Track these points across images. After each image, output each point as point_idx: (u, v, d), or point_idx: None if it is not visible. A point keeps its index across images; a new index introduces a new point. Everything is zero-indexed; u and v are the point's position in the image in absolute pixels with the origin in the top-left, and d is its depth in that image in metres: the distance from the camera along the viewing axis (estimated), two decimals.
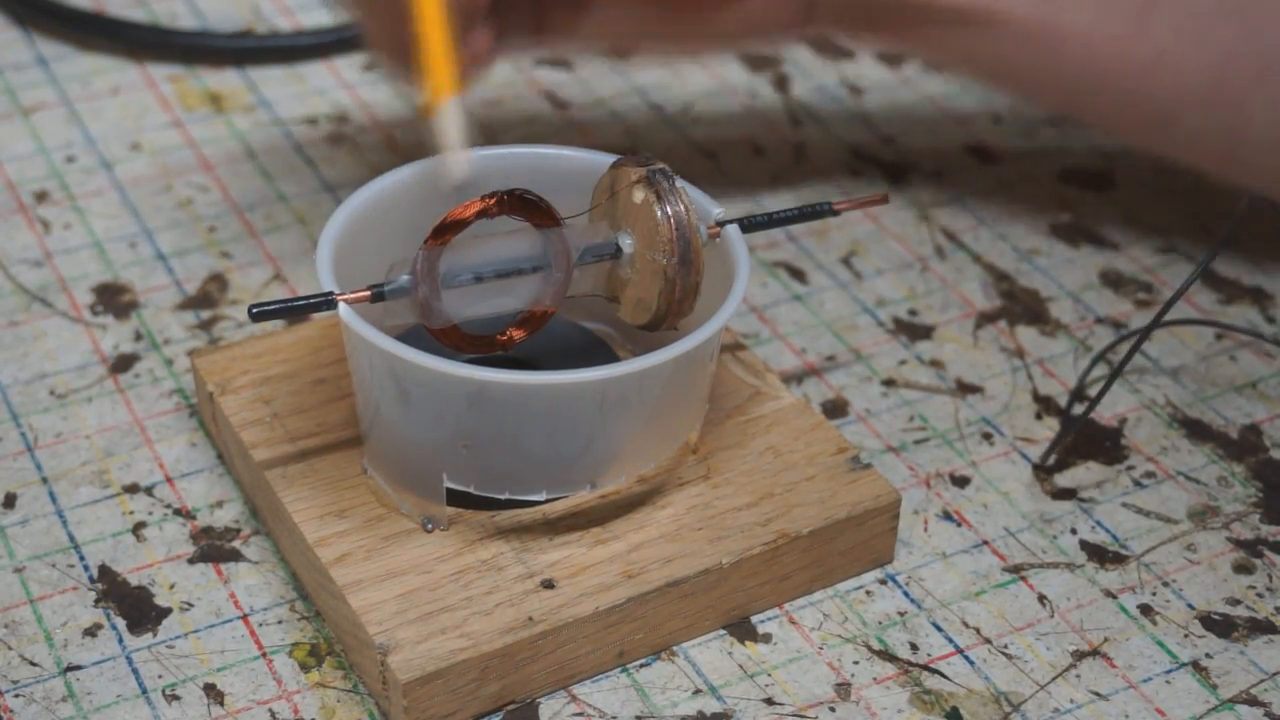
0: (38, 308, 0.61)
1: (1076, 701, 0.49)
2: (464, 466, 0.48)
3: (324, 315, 0.55)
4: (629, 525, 0.50)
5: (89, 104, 0.72)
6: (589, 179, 0.52)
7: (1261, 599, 0.52)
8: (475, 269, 0.48)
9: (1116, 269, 0.65)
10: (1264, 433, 0.58)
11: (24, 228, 0.65)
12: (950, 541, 0.53)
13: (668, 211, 0.48)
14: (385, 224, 0.52)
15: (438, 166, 0.50)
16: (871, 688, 0.49)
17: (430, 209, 0.49)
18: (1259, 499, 0.55)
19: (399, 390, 0.48)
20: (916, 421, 0.58)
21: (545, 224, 0.49)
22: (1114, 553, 0.53)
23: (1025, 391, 0.59)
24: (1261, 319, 0.63)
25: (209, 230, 0.65)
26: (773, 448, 0.52)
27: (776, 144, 0.71)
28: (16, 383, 0.58)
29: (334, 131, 0.71)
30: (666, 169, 0.49)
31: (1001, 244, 0.66)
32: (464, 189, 0.49)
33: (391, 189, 0.53)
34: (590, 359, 0.52)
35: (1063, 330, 0.62)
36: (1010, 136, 0.72)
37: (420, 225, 0.49)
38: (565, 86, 0.74)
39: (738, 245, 0.51)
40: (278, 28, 0.77)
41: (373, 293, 0.48)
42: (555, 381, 0.46)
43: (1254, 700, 0.49)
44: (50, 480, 0.55)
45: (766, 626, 0.51)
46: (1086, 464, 0.56)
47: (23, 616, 0.50)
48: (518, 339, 0.50)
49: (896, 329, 0.62)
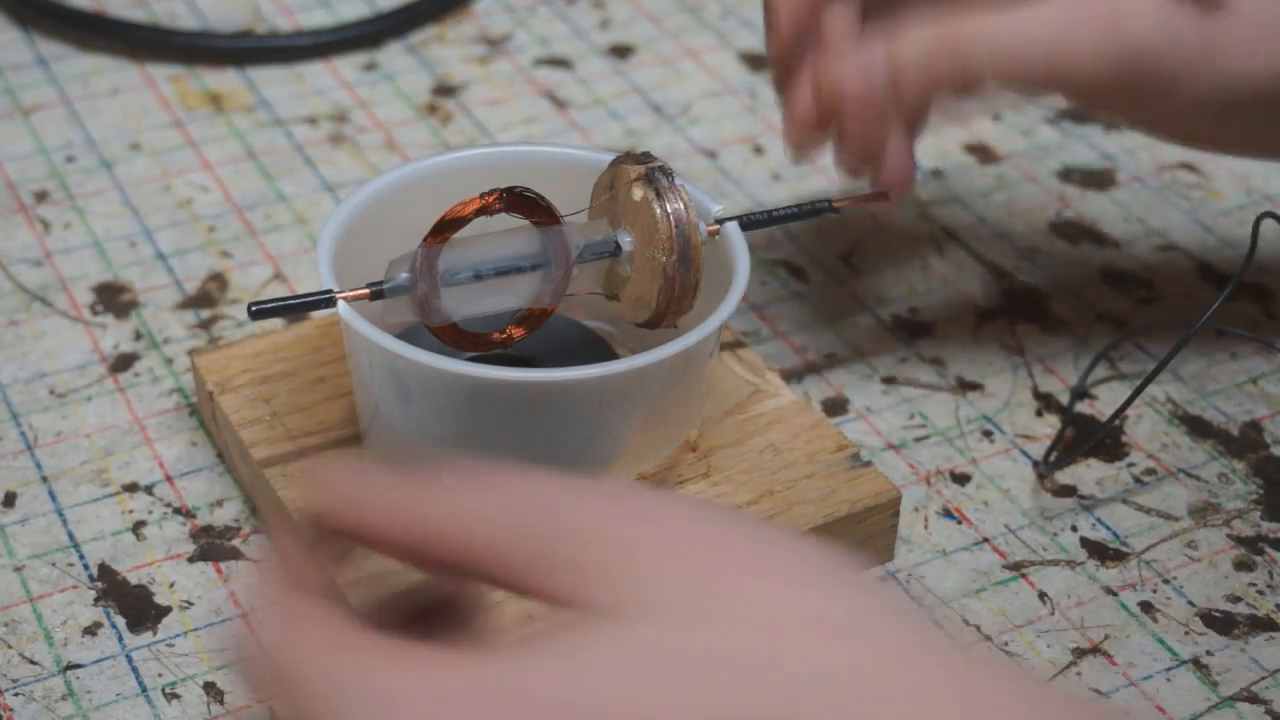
0: (38, 307, 0.61)
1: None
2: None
3: (324, 314, 0.55)
4: None
5: (89, 104, 0.72)
6: (589, 177, 0.52)
7: (1262, 596, 0.52)
8: (474, 267, 0.48)
9: (1117, 267, 0.65)
10: (1265, 430, 0.58)
11: (24, 227, 0.65)
12: (951, 539, 0.53)
13: (667, 209, 0.48)
14: (385, 222, 0.52)
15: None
16: None
17: (430, 207, 0.49)
18: (1260, 496, 0.55)
19: (398, 388, 0.48)
20: (917, 419, 0.58)
21: (544, 222, 0.49)
22: (1114, 550, 0.53)
23: (1025, 389, 0.59)
24: (1262, 317, 0.63)
25: (209, 230, 0.65)
26: (772, 445, 0.52)
27: (776, 144, 0.71)
28: (16, 382, 0.58)
29: (334, 131, 0.71)
30: (666, 166, 0.49)
31: (1002, 242, 0.66)
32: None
33: (392, 187, 0.53)
34: (589, 357, 0.52)
35: (1063, 328, 0.62)
36: (1010, 136, 0.72)
37: (420, 223, 0.49)
38: (565, 86, 0.74)
39: (737, 243, 0.51)
40: (278, 28, 0.77)
41: (372, 291, 0.48)
42: (554, 379, 0.46)
43: (1254, 698, 0.49)
44: (50, 479, 0.55)
45: None
46: (1087, 461, 0.56)
47: (22, 615, 0.50)
48: (517, 337, 0.50)
49: (897, 327, 0.62)
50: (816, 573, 0.34)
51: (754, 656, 0.32)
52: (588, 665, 0.31)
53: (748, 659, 0.32)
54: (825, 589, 0.33)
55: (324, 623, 0.34)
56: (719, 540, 0.34)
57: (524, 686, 0.31)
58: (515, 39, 0.77)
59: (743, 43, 0.77)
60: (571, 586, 0.33)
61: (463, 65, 0.75)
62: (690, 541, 0.34)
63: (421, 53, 0.76)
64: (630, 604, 0.33)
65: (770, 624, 0.32)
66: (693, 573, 0.33)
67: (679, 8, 0.79)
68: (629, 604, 0.32)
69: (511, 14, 0.79)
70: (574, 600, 0.33)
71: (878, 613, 0.33)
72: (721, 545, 0.34)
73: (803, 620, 0.32)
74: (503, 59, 0.76)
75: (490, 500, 0.35)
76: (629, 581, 0.33)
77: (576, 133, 0.71)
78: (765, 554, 0.34)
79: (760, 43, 0.77)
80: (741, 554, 0.34)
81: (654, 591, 0.33)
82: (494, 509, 0.34)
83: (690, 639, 0.32)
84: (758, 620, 0.32)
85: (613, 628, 0.32)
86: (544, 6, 0.79)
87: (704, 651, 0.32)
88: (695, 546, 0.34)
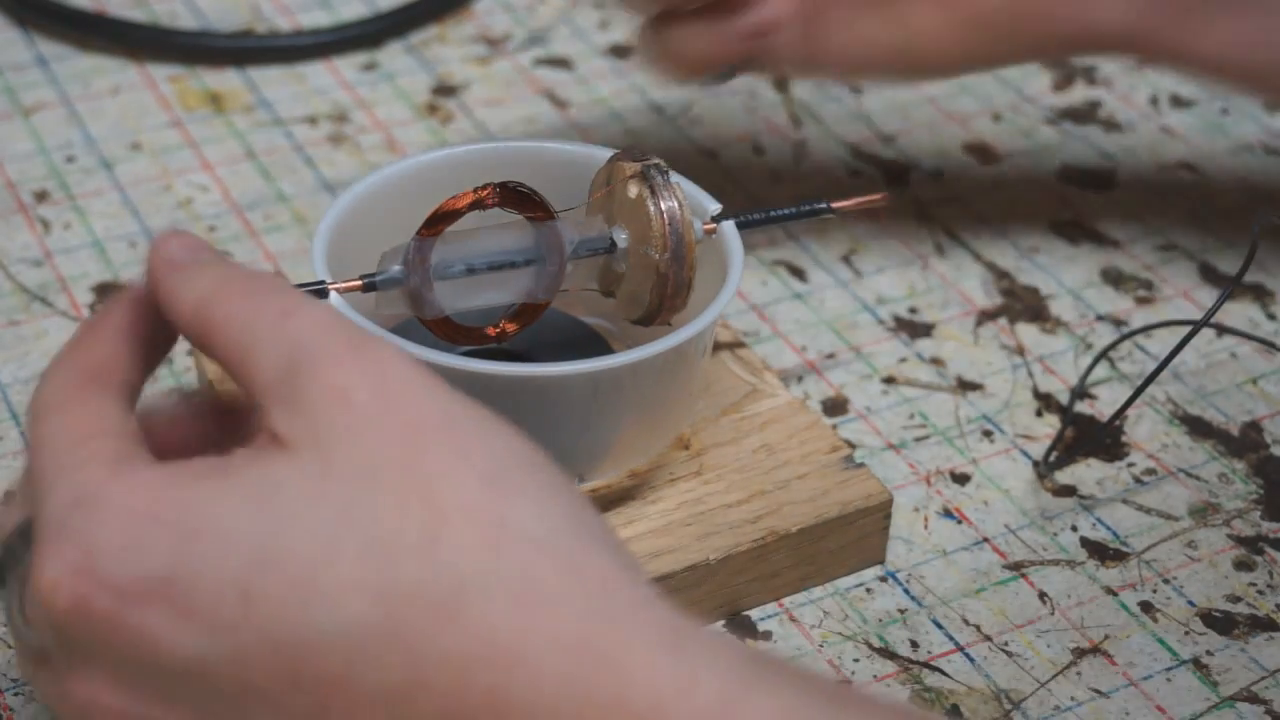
0: (38, 307, 0.61)
1: (1077, 699, 0.48)
2: None
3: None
4: (618, 519, 0.50)
5: (89, 104, 0.72)
6: (586, 174, 0.52)
7: (1262, 596, 0.52)
8: (467, 261, 0.48)
9: (1117, 267, 0.65)
10: (1265, 429, 0.58)
11: (24, 227, 0.65)
12: (950, 539, 0.53)
13: (661, 207, 0.48)
14: (382, 217, 0.52)
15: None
16: (872, 685, 0.49)
17: (427, 202, 0.49)
18: (1260, 496, 0.55)
19: None
20: (917, 419, 0.58)
21: (539, 217, 0.49)
22: (1114, 550, 0.53)
23: (1025, 389, 0.59)
24: (1263, 316, 0.62)
25: (209, 230, 0.65)
26: (766, 445, 0.52)
27: (776, 144, 0.71)
28: (16, 382, 0.58)
29: (334, 131, 0.71)
30: (662, 164, 0.49)
31: (1002, 242, 0.66)
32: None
33: (389, 181, 0.52)
34: (583, 352, 0.52)
35: (1063, 328, 0.62)
36: (1010, 136, 0.72)
37: (417, 218, 0.49)
38: (565, 86, 0.74)
39: (733, 242, 0.51)
40: (278, 28, 0.77)
41: (364, 283, 0.48)
42: (545, 373, 0.46)
43: (1255, 698, 0.49)
44: None
45: (766, 624, 0.50)
46: (1087, 461, 0.56)
47: None
48: (511, 332, 0.50)
49: (897, 327, 0.61)
50: (519, 478, 0.35)
51: (415, 535, 0.34)
52: (266, 504, 0.34)
53: (409, 536, 0.34)
54: (521, 496, 0.35)
55: (83, 413, 0.37)
56: (435, 418, 0.35)
57: (205, 513, 0.34)
58: (515, 39, 0.77)
59: None
60: (276, 404, 0.35)
61: (463, 65, 0.75)
62: (403, 411, 0.35)
63: (421, 53, 0.76)
64: (313, 444, 0.35)
65: (441, 510, 0.34)
66: (388, 439, 0.35)
67: None
68: (310, 443, 0.35)
69: (511, 14, 0.79)
70: (271, 419, 0.35)
71: (564, 532, 0.34)
72: (434, 424, 0.35)
73: (479, 517, 0.34)
74: (503, 59, 0.76)
75: (237, 289, 0.38)
76: (327, 428, 0.35)
77: (576, 133, 0.71)
78: (474, 446, 0.35)
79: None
80: (450, 438, 0.35)
81: (344, 446, 0.35)
82: (239, 297, 0.37)
83: (361, 496, 0.34)
84: (434, 503, 0.34)
85: (292, 472, 0.34)
86: (544, 6, 0.79)
87: (369, 513, 0.34)
88: (405, 417, 0.35)
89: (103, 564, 0.34)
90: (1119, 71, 0.76)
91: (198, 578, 0.34)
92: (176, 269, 0.39)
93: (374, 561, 0.33)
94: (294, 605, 0.34)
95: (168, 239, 0.39)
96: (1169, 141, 0.72)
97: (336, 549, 0.34)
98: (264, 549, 0.34)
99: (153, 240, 0.40)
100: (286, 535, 0.34)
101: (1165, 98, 0.74)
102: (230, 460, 0.35)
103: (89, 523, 0.35)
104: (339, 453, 0.34)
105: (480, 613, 0.33)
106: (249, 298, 0.37)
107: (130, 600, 0.34)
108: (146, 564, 0.34)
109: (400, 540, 0.34)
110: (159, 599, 0.34)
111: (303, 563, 0.34)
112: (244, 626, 0.34)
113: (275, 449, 0.35)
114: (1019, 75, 0.75)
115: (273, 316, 0.37)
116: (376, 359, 0.36)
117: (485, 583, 0.33)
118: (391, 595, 0.33)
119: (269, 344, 0.36)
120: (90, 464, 0.36)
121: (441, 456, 0.35)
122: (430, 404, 0.35)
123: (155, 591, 0.34)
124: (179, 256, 0.39)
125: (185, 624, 0.34)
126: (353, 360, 0.36)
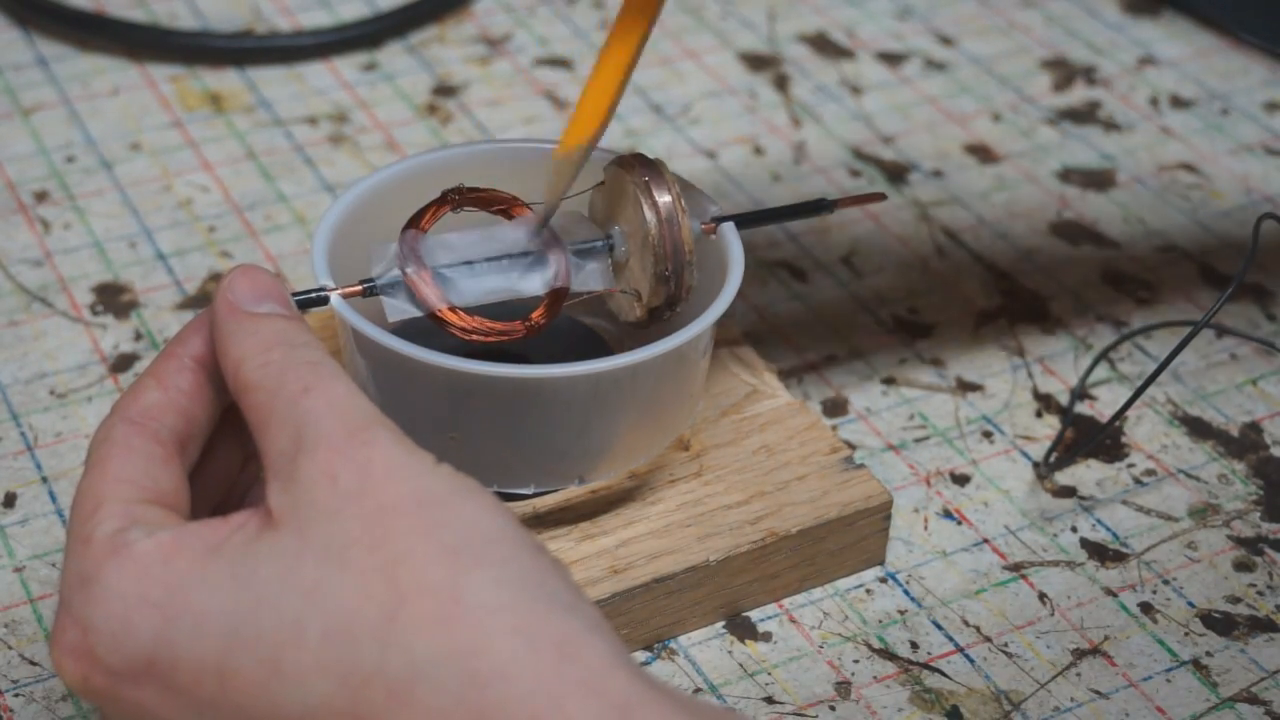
0: (38, 307, 0.61)
1: (1077, 700, 0.48)
2: (453, 459, 0.48)
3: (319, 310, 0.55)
4: (618, 521, 0.50)
5: (89, 104, 0.72)
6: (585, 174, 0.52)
7: (1262, 597, 0.52)
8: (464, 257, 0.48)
9: (1117, 267, 0.65)
10: (1264, 430, 0.58)
11: (24, 228, 0.65)
12: (950, 540, 0.53)
13: (658, 207, 0.48)
14: (382, 217, 0.52)
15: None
16: (872, 686, 0.49)
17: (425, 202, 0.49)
18: (1259, 497, 0.55)
19: (392, 383, 0.48)
20: (917, 420, 0.58)
21: (516, 212, 0.49)
22: (1114, 551, 0.53)
23: (1025, 390, 0.59)
24: (1262, 317, 0.62)
25: (209, 230, 0.65)
26: (766, 446, 0.52)
27: (776, 144, 0.71)
28: (16, 382, 0.58)
29: (334, 132, 0.71)
30: (661, 165, 0.49)
31: (1001, 242, 0.66)
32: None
33: (387, 183, 0.52)
34: (583, 353, 0.52)
35: (1063, 328, 0.62)
36: (1010, 136, 0.72)
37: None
38: (565, 86, 0.74)
39: (733, 242, 0.51)
40: (278, 28, 0.77)
41: (364, 287, 0.48)
42: (545, 374, 0.46)
43: (1254, 699, 0.49)
44: (50, 480, 0.55)
45: (766, 625, 0.50)
46: (1087, 462, 0.56)
47: (23, 616, 0.50)
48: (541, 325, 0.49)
49: (896, 327, 0.62)
50: (480, 549, 0.35)
51: (375, 615, 0.34)
52: (244, 585, 0.35)
53: (369, 616, 0.34)
54: (480, 568, 0.35)
55: (106, 471, 0.38)
56: (409, 500, 0.36)
57: (188, 595, 0.36)
58: (515, 39, 0.77)
59: (742, 43, 0.77)
60: (275, 479, 0.37)
61: (463, 65, 0.75)
62: (380, 493, 0.36)
63: (421, 53, 0.76)
64: (294, 522, 0.36)
65: (400, 589, 0.34)
66: (361, 520, 0.35)
67: (679, 8, 0.79)
68: (293, 521, 0.36)
69: (511, 14, 0.79)
70: (269, 492, 0.37)
71: (522, 598, 0.35)
72: (407, 506, 0.36)
73: (436, 594, 0.34)
74: (503, 59, 0.76)
75: (260, 346, 0.39)
76: (308, 507, 0.36)
77: None
78: (443, 523, 0.36)
79: (761, 42, 0.77)
80: (420, 518, 0.36)
81: (320, 526, 0.35)
82: (260, 355, 0.38)
83: (328, 576, 0.35)
84: (395, 583, 0.34)
85: (271, 551, 0.36)
86: (544, 6, 0.79)
87: (335, 593, 0.35)
88: (380, 499, 0.36)
89: (98, 647, 0.36)
90: (1119, 71, 0.76)
91: (178, 659, 0.36)
92: (233, 316, 0.39)
93: (336, 643, 0.34)
94: (263, 685, 0.35)
95: (237, 279, 0.40)
96: (1169, 141, 0.72)
97: (302, 630, 0.35)
98: (237, 631, 0.35)
99: (225, 275, 0.40)
100: (258, 615, 0.35)
101: (1165, 98, 0.74)
102: (222, 535, 0.37)
103: (87, 604, 0.36)
104: (315, 532, 0.36)
105: (431, 693, 0.34)
106: (280, 369, 0.38)
107: (124, 680, 0.36)
108: (134, 646, 0.36)
109: (360, 621, 0.34)
110: (147, 679, 0.36)
111: (271, 644, 0.35)
112: (222, 704, 0.35)
113: (263, 525, 0.36)
114: (1019, 75, 0.76)
115: (293, 392, 0.37)
116: (367, 443, 0.36)
117: (436, 661, 0.34)
118: (353, 678, 0.34)
119: (284, 418, 0.37)
120: (94, 540, 0.37)
121: (408, 537, 0.35)
122: (407, 486, 0.36)
123: (144, 672, 0.36)
124: (242, 301, 0.40)
125: (174, 700, 0.36)
126: (346, 444, 0.36)
